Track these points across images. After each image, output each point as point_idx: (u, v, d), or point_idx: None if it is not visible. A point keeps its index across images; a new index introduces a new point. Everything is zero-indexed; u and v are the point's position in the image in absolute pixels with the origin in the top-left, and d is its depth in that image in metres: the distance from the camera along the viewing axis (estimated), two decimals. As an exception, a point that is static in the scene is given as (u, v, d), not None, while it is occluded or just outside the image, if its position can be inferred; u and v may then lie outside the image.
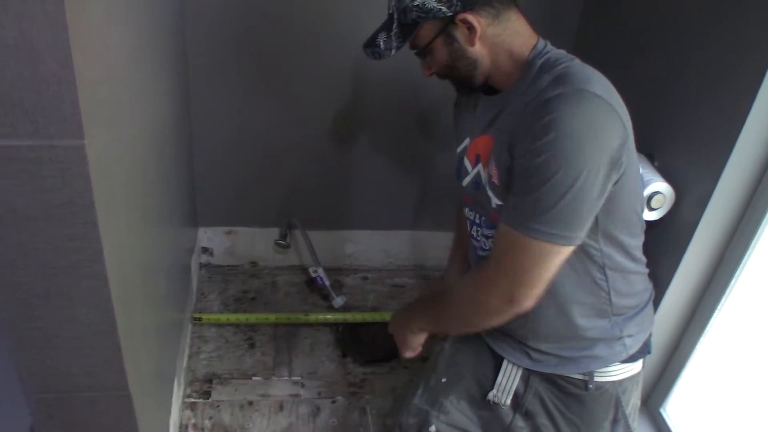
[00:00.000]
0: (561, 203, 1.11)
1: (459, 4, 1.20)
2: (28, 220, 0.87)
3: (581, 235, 1.17)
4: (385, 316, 2.21)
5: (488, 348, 1.57)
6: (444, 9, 1.20)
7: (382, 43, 1.28)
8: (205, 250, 2.50)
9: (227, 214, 2.43)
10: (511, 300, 1.21)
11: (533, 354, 1.48)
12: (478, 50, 1.26)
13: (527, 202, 1.14)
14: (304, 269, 2.51)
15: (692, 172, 1.57)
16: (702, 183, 1.52)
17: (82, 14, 0.82)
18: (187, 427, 1.82)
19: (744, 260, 1.56)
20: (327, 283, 2.32)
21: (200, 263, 2.51)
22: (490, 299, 1.24)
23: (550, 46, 1.27)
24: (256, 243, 2.50)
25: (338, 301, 2.31)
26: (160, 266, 1.54)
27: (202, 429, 1.83)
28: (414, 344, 1.57)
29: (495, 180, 1.26)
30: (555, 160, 1.09)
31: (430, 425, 1.58)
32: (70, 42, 0.76)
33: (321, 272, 2.33)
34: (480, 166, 1.33)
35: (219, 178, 2.31)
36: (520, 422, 1.51)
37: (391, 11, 1.27)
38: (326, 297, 2.36)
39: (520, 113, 1.20)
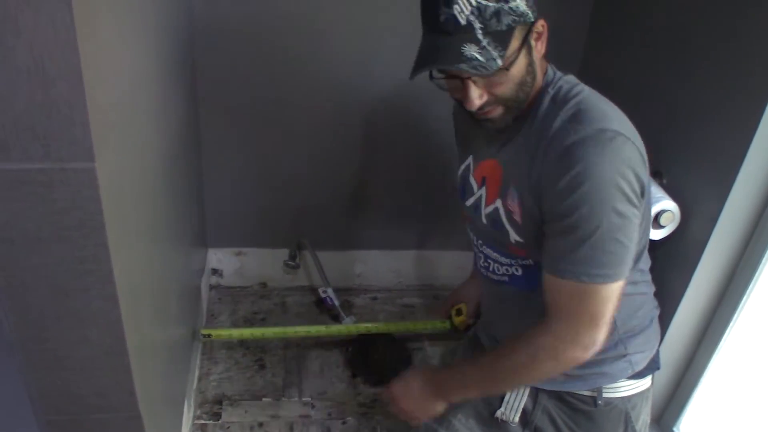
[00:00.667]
0: (613, 247, 1.12)
1: (535, 8, 1.14)
2: (39, 243, 0.88)
3: (631, 264, 1.19)
4: (391, 327, 2.21)
5: (496, 366, 1.57)
6: (530, 13, 1.12)
7: (478, 55, 1.08)
8: (215, 271, 2.51)
9: (237, 235, 2.43)
10: (590, 346, 1.21)
11: None
12: (539, 63, 1.21)
13: (582, 254, 1.14)
14: (313, 290, 2.51)
15: (701, 189, 1.56)
16: (711, 200, 1.51)
17: (93, 40, 0.83)
18: (197, 448, 1.82)
19: (756, 276, 1.54)
20: (336, 303, 2.32)
21: (210, 284, 2.51)
22: (571, 351, 1.22)
23: (559, 73, 1.25)
24: (265, 264, 2.50)
25: (348, 321, 2.30)
26: (171, 287, 1.55)
27: (213, 451, 1.83)
28: (436, 413, 1.48)
29: (517, 218, 1.26)
30: (596, 212, 1.10)
31: (439, 443, 1.56)
32: (81, 66, 0.77)
33: (330, 292, 2.33)
34: (499, 202, 1.30)
35: (229, 199, 2.32)
36: (529, 439, 1.51)
37: (465, 21, 1.08)
38: (336, 317, 2.35)
39: (533, 152, 1.19)
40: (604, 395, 1.42)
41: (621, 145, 1.10)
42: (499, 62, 1.09)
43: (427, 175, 2.37)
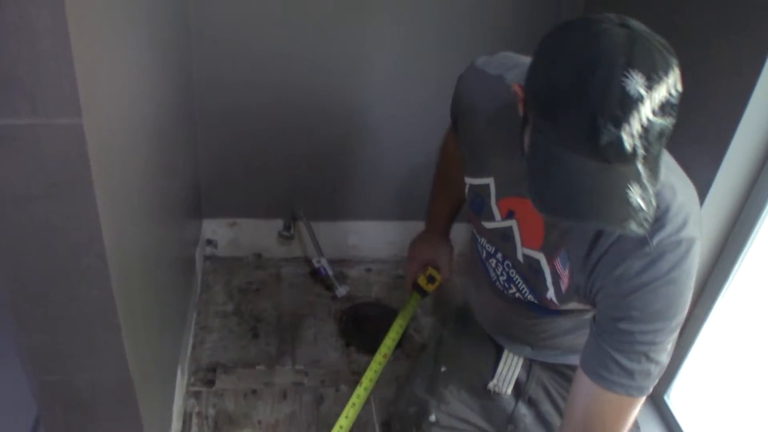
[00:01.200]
0: (665, 357, 1.09)
1: None
2: (27, 200, 0.88)
3: None
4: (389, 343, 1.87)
5: (488, 337, 1.56)
6: None
7: (642, 203, 0.84)
8: (209, 242, 2.51)
9: (231, 206, 2.43)
10: None
11: (536, 347, 1.48)
12: None
13: (637, 370, 1.07)
14: (308, 261, 2.51)
15: (693, 158, 1.56)
16: (701, 173, 1.51)
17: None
18: (191, 415, 1.83)
19: (745, 248, 1.55)
20: (330, 273, 2.33)
21: (205, 255, 2.51)
22: None
23: None
24: (260, 235, 2.50)
25: (341, 290, 2.31)
26: (163, 253, 1.54)
27: (207, 417, 1.83)
28: None
29: (563, 286, 1.19)
30: (661, 331, 1.05)
31: (430, 415, 1.57)
32: (67, 21, 0.76)
33: (324, 262, 2.34)
34: (542, 257, 1.22)
35: (223, 169, 2.32)
36: (523, 410, 1.51)
37: (631, 148, 0.83)
38: (330, 287, 2.36)
39: (595, 232, 1.08)
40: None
41: (694, 256, 1.02)
42: (654, 203, 0.87)
43: (423, 145, 2.36)
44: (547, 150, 0.88)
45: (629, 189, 0.83)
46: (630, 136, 0.81)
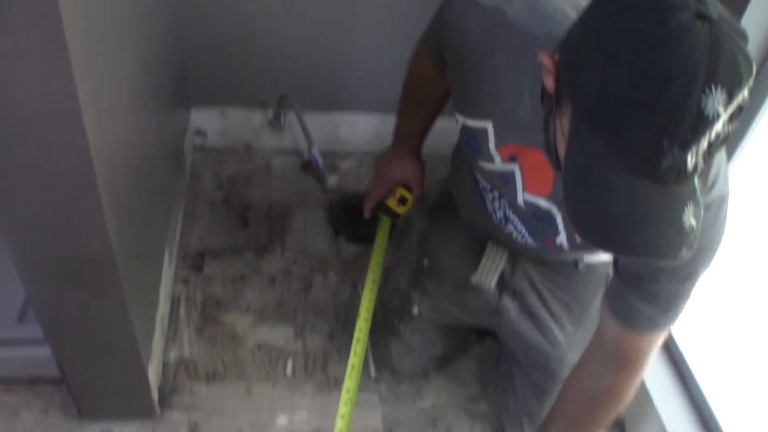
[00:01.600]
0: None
1: None
2: (-4, 62, 0.84)
3: None
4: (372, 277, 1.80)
5: (473, 231, 1.54)
6: None
7: (694, 221, 0.75)
8: (198, 132, 2.47)
9: (221, 95, 2.37)
10: None
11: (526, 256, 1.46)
12: None
13: (669, 312, 1.06)
14: (298, 153, 2.49)
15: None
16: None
17: None
18: (179, 299, 1.85)
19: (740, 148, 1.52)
20: (320, 163, 2.31)
21: (194, 145, 2.48)
22: (633, 388, 1.16)
23: None
24: (250, 125, 2.46)
25: (331, 181, 2.30)
26: (146, 134, 1.51)
27: (194, 301, 1.85)
28: None
29: (577, 237, 1.15)
30: (695, 281, 1.04)
31: (413, 307, 1.57)
32: None
33: (315, 152, 2.31)
34: (554, 207, 1.16)
35: (210, 54, 2.24)
36: (507, 302, 1.50)
37: (692, 166, 0.71)
38: (320, 179, 2.34)
39: None
40: (585, 261, 1.42)
41: (725, 214, 0.98)
42: (702, 213, 0.77)
43: (418, 31, 2.29)
44: (592, 166, 0.76)
45: (684, 212, 0.74)
46: (694, 155, 0.70)
